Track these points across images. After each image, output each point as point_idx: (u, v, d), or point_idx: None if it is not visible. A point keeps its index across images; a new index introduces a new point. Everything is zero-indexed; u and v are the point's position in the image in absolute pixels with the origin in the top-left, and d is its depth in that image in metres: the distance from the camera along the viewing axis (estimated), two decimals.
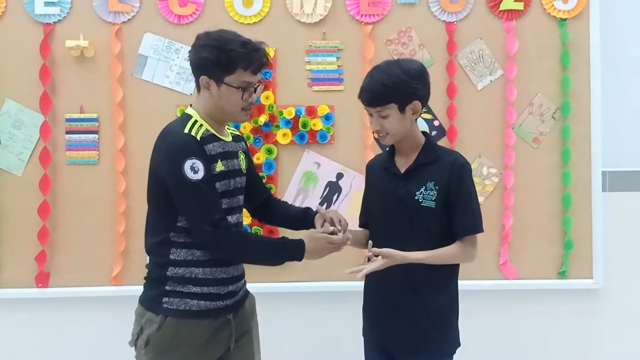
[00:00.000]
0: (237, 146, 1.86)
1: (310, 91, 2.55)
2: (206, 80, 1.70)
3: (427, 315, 1.81)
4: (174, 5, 2.50)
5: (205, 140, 1.69)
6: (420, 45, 2.55)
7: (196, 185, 1.63)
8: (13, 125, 2.50)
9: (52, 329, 2.57)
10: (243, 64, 1.68)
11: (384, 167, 1.91)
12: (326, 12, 2.53)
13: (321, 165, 2.57)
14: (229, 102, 1.72)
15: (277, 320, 2.62)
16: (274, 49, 2.52)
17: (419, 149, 1.84)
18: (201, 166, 1.63)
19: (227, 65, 1.67)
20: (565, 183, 2.56)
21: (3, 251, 2.51)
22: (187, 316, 1.70)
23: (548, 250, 2.58)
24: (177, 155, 1.64)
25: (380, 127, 1.80)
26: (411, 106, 1.78)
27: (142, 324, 1.72)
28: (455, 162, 1.81)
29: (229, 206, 1.76)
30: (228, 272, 1.76)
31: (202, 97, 1.75)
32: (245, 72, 1.69)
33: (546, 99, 2.57)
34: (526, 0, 2.54)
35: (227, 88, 1.69)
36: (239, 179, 1.81)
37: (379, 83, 1.76)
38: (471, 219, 1.80)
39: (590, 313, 2.64)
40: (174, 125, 1.74)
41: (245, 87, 1.71)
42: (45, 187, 2.48)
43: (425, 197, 1.79)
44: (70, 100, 2.51)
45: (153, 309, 1.71)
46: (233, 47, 1.67)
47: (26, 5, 2.49)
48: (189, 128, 1.68)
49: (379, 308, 1.89)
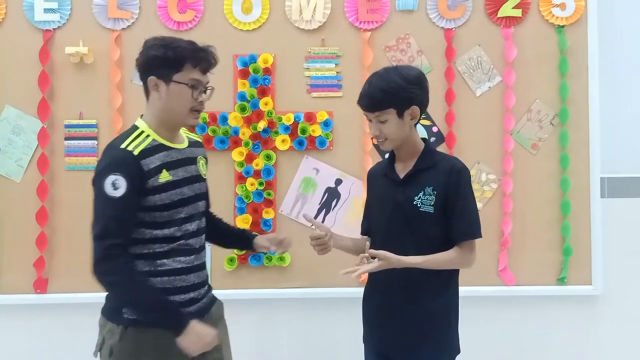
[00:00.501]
0: (196, 152, 1.84)
1: (309, 97, 2.55)
2: (154, 80, 1.69)
3: (424, 319, 1.81)
4: (173, 12, 2.51)
5: (147, 152, 1.66)
6: (418, 52, 2.56)
7: (109, 201, 1.60)
8: (12, 132, 2.51)
9: (50, 335, 2.57)
10: (191, 61, 1.68)
11: (383, 173, 1.92)
12: (325, 19, 2.54)
13: (320, 171, 2.57)
14: (178, 101, 1.70)
15: (276, 327, 2.62)
16: (273, 55, 2.53)
17: (418, 155, 1.85)
18: (124, 184, 1.60)
19: (175, 61, 1.67)
20: (564, 189, 2.56)
21: (1, 257, 2.51)
22: (147, 325, 1.67)
23: (547, 256, 2.58)
24: (105, 167, 1.64)
25: (379, 132, 1.81)
26: (409, 112, 1.79)
27: (104, 334, 1.71)
28: (454, 168, 1.81)
29: (186, 214, 1.74)
30: (188, 280, 1.75)
31: (151, 102, 1.73)
32: (194, 70, 1.69)
33: (544, 105, 2.58)
34: (524, 7, 2.55)
35: (176, 85, 1.68)
36: (197, 185, 1.79)
37: (377, 89, 1.78)
38: (469, 224, 1.81)
39: (589, 319, 2.64)
40: (117, 138, 1.74)
41: (195, 86, 1.71)
42: (43, 193, 2.48)
43: (423, 202, 1.79)
44: (69, 106, 2.51)
45: (113, 319, 1.70)
46: (180, 45, 1.68)
47: (26, 12, 2.50)
48: (129, 142, 1.66)
49: (377, 313, 1.90)
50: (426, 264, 1.76)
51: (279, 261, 2.55)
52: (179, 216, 1.72)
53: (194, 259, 1.77)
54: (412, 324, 1.81)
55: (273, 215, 2.54)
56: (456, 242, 1.81)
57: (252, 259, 2.54)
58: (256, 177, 2.53)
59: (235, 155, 2.52)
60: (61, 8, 2.50)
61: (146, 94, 1.75)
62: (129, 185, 1.60)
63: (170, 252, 1.71)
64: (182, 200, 1.72)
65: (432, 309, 1.81)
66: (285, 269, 2.56)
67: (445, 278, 1.84)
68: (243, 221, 2.52)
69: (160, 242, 1.70)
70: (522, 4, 2.55)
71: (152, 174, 1.66)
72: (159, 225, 1.69)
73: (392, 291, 1.83)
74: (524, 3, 2.55)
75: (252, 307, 2.58)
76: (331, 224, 2.55)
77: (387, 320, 1.86)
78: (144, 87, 1.74)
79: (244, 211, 2.53)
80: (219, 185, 2.52)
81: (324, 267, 2.54)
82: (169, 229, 1.70)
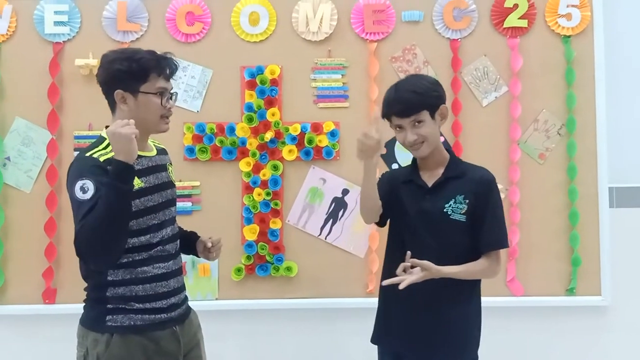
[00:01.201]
0: (164, 159, 1.88)
1: (315, 108, 2.57)
2: (121, 94, 1.71)
3: (443, 326, 1.82)
4: (181, 24, 2.54)
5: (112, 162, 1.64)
6: (425, 63, 2.57)
7: (82, 205, 1.60)
8: (22, 143, 2.53)
9: (58, 345, 2.56)
10: (155, 70, 1.71)
11: (406, 180, 1.91)
12: (331, 30, 2.56)
13: (327, 181, 2.58)
14: (149, 111, 1.72)
15: (283, 337, 2.61)
16: (280, 66, 2.54)
17: (446, 163, 1.88)
18: (92, 186, 1.59)
19: (141, 73, 1.69)
20: (571, 199, 2.55)
21: (11, 268, 2.53)
22: (132, 331, 1.70)
23: (555, 266, 2.56)
24: (73, 175, 1.65)
25: (417, 136, 1.81)
26: (439, 111, 1.83)
27: (87, 344, 1.71)
28: (483, 178, 1.85)
29: (159, 220, 1.76)
30: (169, 286, 1.77)
31: (118, 115, 1.74)
32: (159, 78, 1.72)
33: (551, 115, 2.57)
34: (530, 17, 2.56)
35: (145, 96, 1.71)
36: (169, 191, 1.83)
37: (408, 92, 1.80)
38: (497, 234, 1.84)
39: (598, 330, 2.62)
40: (82, 150, 1.75)
41: (162, 93, 1.73)
42: (52, 204, 2.50)
43: (454, 210, 1.81)
44: (78, 117, 2.53)
45: (97, 329, 1.71)
46: (142, 56, 1.71)
47: (36, 25, 2.53)
48: (95, 151, 1.69)
49: (398, 315, 1.88)
50: (461, 274, 1.79)
51: (286, 271, 2.55)
52: (153, 222, 1.74)
53: (172, 264, 1.80)
54: (433, 329, 1.82)
55: (280, 225, 2.55)
56: (484, 252, 1.83)
57: (259, 269, 2.54)
58: (263, 187, 2.54)
59: (243, 165, 2.54)
60: (71, 21, 2.53)
61: (111, 107, 1.76)
62: (96, 187, 1.60)
63: (149, 260, 1.74)
64: (154, 206, 1.74)
65: (454, 317, 1.82)
66: (292, 279, 2.56)
67: (467, 287, 1.85)
68: (250, 231, 2.53)
69: (138, 250, 1.72)
70: (528, 14, 2.56)
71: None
72: (135, 233, 1.71)
73: (415, 297, 1.81)
74: (529, 13, 2.56)
75: (259, 317, 2.58)
76: (338, 234, 2.56)
77: (409, 322, 1.85)
78: (109, 100, 1.75)
79: (251, 221, 2.54)
80: (227, 195, 2.54)
81: (331, 277, 2.56)
82: (145, 236, 1.72)
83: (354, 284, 2.55)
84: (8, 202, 2.52)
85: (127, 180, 1.61)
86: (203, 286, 2.54)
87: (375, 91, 2.53)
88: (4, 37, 2.52)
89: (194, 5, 2.54)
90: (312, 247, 2.56)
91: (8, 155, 2.53)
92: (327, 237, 2.57)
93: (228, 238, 2.52)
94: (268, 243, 2.54)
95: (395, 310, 1.89)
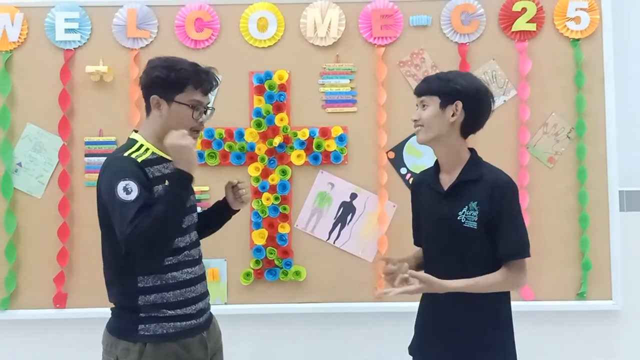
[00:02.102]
0: None
1: (324, 113, 2.57)
2: (157, 99, 1.73)
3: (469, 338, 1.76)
4: (190, 31, 2.56)
5: (148, 163, 1.70)
6: (433, 67, 2.57)
7: (125, 206, 1.59)
8: (33, 149, 2.56)
9: (69, 350, 2.59)
10: (193, 82, 1.72)
11: (428, 183, 1.86)
12: (339, 35, 2.56)
13: (335, 185, 2.58)
14: (179, 120, 1.73)
15: (292, 341, 2.61)
16: (288, 71, 2.56)
17: (463, 165, 1.79)
18: (135, 187, 1.61)
19: (178, 83, 1.71)
20: (582, 203, 2.54)
21: (22, 272, 2.55)
22: (165, 339, 1.70)
23: (566, 271, 2.55)
24: (112, 176, 1.64)
25: (418, 116, 1.79)
26: (453, 106, 1.74)
27: (117, 353, 1.70)
28: (497, 182, 1.73)
29: (185, 225, 1.76)
30: (196, 291, 1.78)
31: (151, 119, 1.76)
32: (196, 91, 1.73)
33: (561, 118, 2.56)
34: (539, 21, 2.56)
35: (178, 106, 1.72)
36: (192, 197, 1.84)
37: (435, 76, 1.81)
38: (515, 243, 1.71)
39: (609, 335, 2.59)
40: (116, 150, 1.77)
41: (195, 106, 1.74)
42: (64, 210, 2.52)
43: (468, 218, 1.72)
44: (89, 123, 2.56)
45: (128, 338, 1.70)
46: (183, 67, 1.73)
47: (47, 32, 2.56)
48: (131, 152, 1.70)
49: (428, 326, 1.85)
50: (469, 288, 1.68)
51: (295, 276, 2.55)
52: (180, 226, 1.74)
53: (197, 269, 1.81)
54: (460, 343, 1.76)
55: (289, 229, 2.56)
56: (503, 263, 1.72)
57: (268, 274, 2.55)
58: (272, 192, 2.55)
59: (251, 170, 2.55)
60: (82, 28, 2.56)
61: (147, 111, 1.79)
62: (140, 188, 1.62)
63: (178, 265, 1.74)
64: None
65: (487, 339, 1.76)
66: (301, 283, 2.56)
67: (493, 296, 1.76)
68: (259, 236, 2.54)
69: (168, 254, 1.71)
70: (536, 18, 2.55)
71: (155, 183, 1.69)
72: None
73: (440, 308, 1.78)
74: (538, 17, 2.55)
75: (267, 321, 2.59)
76: (346, 238, 2.56)
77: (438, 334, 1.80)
78: (146, 104, 1.78)
79: (259, 226, 2.55)
80: None
81: (340, 282, 2.56)
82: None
83: (363, 289, 2.55)
84: (19, 207, 2.55)
85: (187, 188, 1.69)
86: (212, 290, 2.48)
87: (384, 96, 2.53)
88: (16, 45, 2.56)
89: (203, 11, 2.56)
90: (321, 252, 2.57)
91: (19, 161, 2.55)
92: (336, 241, 2.57)
93: (237, 243, 2.55)
94: (277, 247, 2.54)
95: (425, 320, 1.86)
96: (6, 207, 2.53)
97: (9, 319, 2.55)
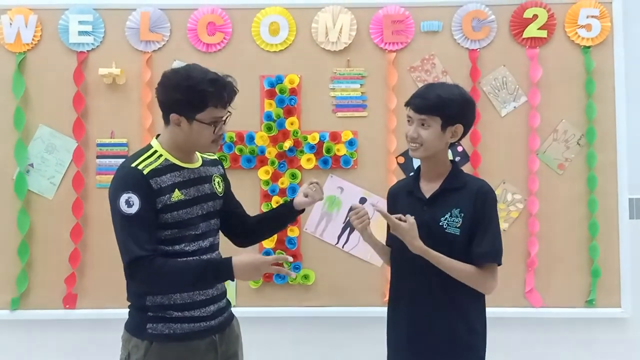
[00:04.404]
0: (211, 170, 1.87)
1: (334, 117, 2.59)
2: (177, 117, 1.71)
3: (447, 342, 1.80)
4: (202, 35, 2.58)
5: (156, 173, 1.69)
6: (443, 72, 2.58)
7: (126, 218, 1.65)
8: (46, 150, 2.58)
9: (78, 350, 2.60)
10: (213, 102, 1.69)
11: (407, 190, 1.90)
12: (350, 41, 2.58)
13: (344, 189, 2.59)
14: (201, 137, 1.72)
15: (300, 345, 2.62)
16: (299, 75, 2.57)
17: (446, 175, 1.84)
18: (137, 201, 1.65)
19: (199, 104, 1.69)
20: (591, 210, 2.53)
21: (32, 273, 2.57)
22: (171, 340, 1.72)
23: (575, 278, 2.55)
24: (117, 187, 1.69)
25: (417, 135, 1.79)
26: (453, 128, 1.79)
27: (129, 349, 1.74)
28: (480, 190, 1.80)
29: (200, 231, 1.77)
30: (207, 294, 1.78)
31: (170, 130, 1.75)
32: (216, 109, 1.71)
33: (571, 125, 2.57)
34: (550, 28, 2.56)
35: (199, 124, 1.70)
36: (211, 203, 1.83)
37: (435, 93, 1.79)
38: (489, 246, 1.77)
39: (618, 342, 2.58)
40: (130, 156, 1.78)
41: (216, 122, 1.73)
42: (77, 211, 2.54)
43: (449, 224, 1.78)
44: (101, 125, 2.58)
45: (138, 335, 1.74)
46: (203, 88, 1.67)
47: (61, 35, 2.58)
48: (140, 161, 1.71)
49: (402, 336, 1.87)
50: (440, 262, 1.75)
51: (303, 279, 2.56)
52: (190, 233, 1.75)
53: None
54: (436, 347, 1.80)
55: (298, 233, 2.56)
56: (476, 264, 1.78)
57: (277, 277, 2.56)
58: (282, 196, 2.56)
59: (262, 173, 2.56)
60: (95, 31, 2.58)
61: (165, 121, 1.77)
62: (142, 201, 1.65)
63: None
64: (191, 219, 1.75)
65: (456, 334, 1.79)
66: (310, 287, 2.57)
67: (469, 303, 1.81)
68: (268, 239, 2.54)
69: (173, 257, 1.72)
70: (547, 25, 2.56)
71: (164, 192, 1.70)
72: (170, 242, 1.73)
73: (418, 316, 1.82)
74: (549, 24, 2.56)
75: (276, 324, 2.59)
76: (355, 242, 2.56)
77: (412, 342, 1.84)
78: (164, 115, 1.76)
79: None
80: (245, 203, 2.52)
81: (348, 286, 2.57)
82: (179, 245, 1.73)
83: (371, 293, 2.56)
84: (31, 208, 2.57)
85: (219, 282, 1.79)
86: None
87: (394, 101, 2.54)
88: (29, 47, 2.58)
89: (215, 15, 2.58)
90: (330, 256, 2.57)
91: (31, 162, 2.57)
92: (345, 245, 2.58)
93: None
94: (286, 251, 2.55)
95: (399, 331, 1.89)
96: (20, 207, 2.55)
97: (18, 319, 2.56)
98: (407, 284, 1.85)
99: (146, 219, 1.67)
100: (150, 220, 1.68)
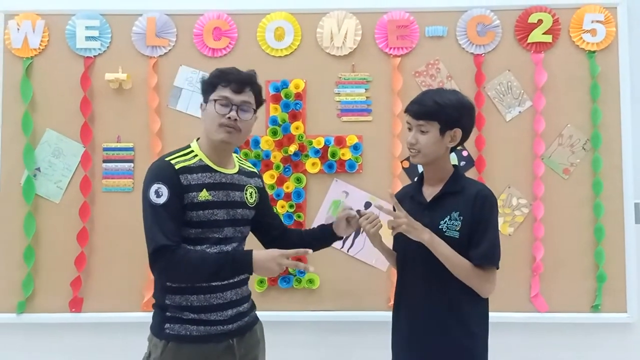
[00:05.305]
0: (246, 180, 1.90)
1: (339, 121, 2.59)
2: (202, 105, 1.84)
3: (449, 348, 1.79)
4: (208, 40, 2.59)
5: (187, 170, 1.75)
6: (448, 77, 2.58)
7: (154, 208, 1.70)
8: (53, 154, 2.60)
9: (83, 354, 2.61)
10: (222, 82, 1.78)
11: (410, 195, 1.93)
12: (355, 45, 2.59)
13: (349, 194, 2.59)
14: (208, 118, 1.79)
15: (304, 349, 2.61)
16: (304, 80, 2.58)
17: (447, 178, 1.86)
18: (166, 192, 1.71)
19: (211, 84, 1.80)
20: (597, 215, 2.53)
21: (38, 276, 2.58)
22: (187, 341, 1.74)
23: (580, 283, 2.54)
24: (149, 178, 1.75)
25: (415, 141, 1.81)
26: (451, 133, 1.81)
27: (150, 348, 1.79)
28: (479, 193, 1.80)
29: (224, 235, 1.79)
30: (224, 298, 1.79)
31: (203, 125, 1.84)
32: (225, 89, 1.78)
33: (576, 130, 2.57)
34: (554, 33, 2.57)
35: (209, 104, 1.79)
36: (240, 211, 1.84)
37: (431, 99, 1.80)
38: (487, 249, 1.76)
39: (624, 347, 2.58)
40: (167, 153, 1.83)
41: (221, 101, 1.77)
42: (84, 215, 2.55)
43: (449, 227, 1.79)
44: (108, 130, 2.60)
45: (157, 334, 1.77)
46: (220, 70, 1.81)
47: (68, 40, 2.60)
48: (174, 157, 1.78)
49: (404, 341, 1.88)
50: (448, 258, 1.75)
51: (309, 284, 2.56)
52: (214, 235, 1.77)
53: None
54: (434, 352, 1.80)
55: None
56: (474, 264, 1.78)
57: (282, 281, 2.56)
58: (287, 200, 2.57)
59: (267, 178, 2.57)
60: (101, 36, 2.60)
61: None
62: (170, 193, 1.70)
63: None
64: (217, 221, 1.77)
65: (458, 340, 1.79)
66: (314, 291, 2.57)
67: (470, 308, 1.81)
68: None
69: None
70: (552, 29, 2.56)
71: (192, 189, 1.73)
72: (194, 241, 1.75)
73: (418, 320, 1.82)
74: (554, 29, 2.56)
75: (280, 328, 2.58)
76: (361, 246, 2.57)
77: (413, 348, 1.84)
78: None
79: None
80: None
81: (353, 290, 2.57)
82: (202, 246, 1.75)
83: (376, 297, 2.56)
84: (38, 211, 2.58)
85: (238, 274, 1.77)
86: None
87: (399, 105, 2.55)
88: (37, 52, 2.60)
89: (221, 20, 2.59)
90: (335, 260, 2.58)
91: (38, 166, 2.59)
92: (350, 250, 2.58)
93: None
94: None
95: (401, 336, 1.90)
96: (27, 211, 2.56)
97: (24, 322, 2.57)
98: (409, 289, 1.86)
99: (173, 211, 1.71)
100: (177, 212, 1.72)
